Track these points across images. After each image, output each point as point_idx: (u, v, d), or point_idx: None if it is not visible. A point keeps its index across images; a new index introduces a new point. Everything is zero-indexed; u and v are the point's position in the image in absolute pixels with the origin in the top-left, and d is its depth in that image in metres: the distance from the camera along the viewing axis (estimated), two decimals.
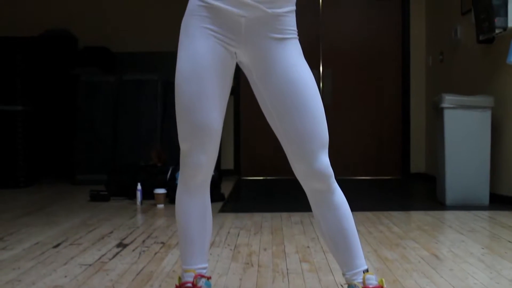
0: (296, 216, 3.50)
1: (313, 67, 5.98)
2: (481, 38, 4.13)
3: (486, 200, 4.01)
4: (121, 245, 2.71)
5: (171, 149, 4.75)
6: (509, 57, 3.71)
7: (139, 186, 4.07)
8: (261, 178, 5.96)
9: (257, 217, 3.52)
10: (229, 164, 5.99)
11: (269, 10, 1.51)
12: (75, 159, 5.32)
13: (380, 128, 6.06)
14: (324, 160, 1.57)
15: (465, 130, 4.01)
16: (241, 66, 1.64)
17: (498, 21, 3.80)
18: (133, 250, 2.60)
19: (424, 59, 5.96)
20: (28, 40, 5.84)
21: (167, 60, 6.11)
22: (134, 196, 4.16)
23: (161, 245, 2.72)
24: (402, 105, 6.04)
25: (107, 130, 5.29)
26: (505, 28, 3.78)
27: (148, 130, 5.19)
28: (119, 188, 4.38)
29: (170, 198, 4.07)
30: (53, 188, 5.09)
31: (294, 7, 1.57)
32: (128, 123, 5.25)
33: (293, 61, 1.54)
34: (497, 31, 3.84)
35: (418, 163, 6.00)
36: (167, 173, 4.30)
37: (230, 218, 3.48)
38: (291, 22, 1.57)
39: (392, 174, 6.04)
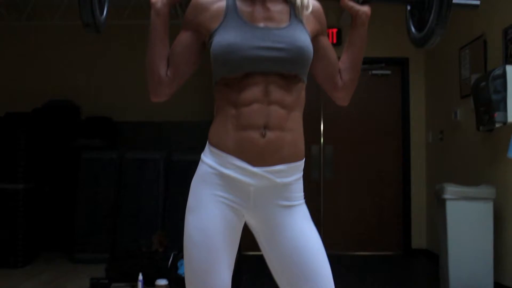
0: None
1: (314, 142, 6.03)
2: (481, 129, 4.18)
3: None
4: None
5: (173, 232, 4.75)
6: (510, 152, 3.75)
7: (140, 277, 4.02)
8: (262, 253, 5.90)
9: None
10: None
11: (278, 180, 1.54)
12: (74, 237, 5.28)
13: (380, 203, 6.05)
14: None
15: (467, 221, 4.02)
16: (248, 225, 1.65)
17: (498, 115, 3.85)
18: None
19: (424, 134, 6.02)
20: (30, 115, 5.90)
21: (168, 130, 6.24)
22: (135, 284, 4.11)
23: None
24: (403, 179, 6.06)
25: (108, 208, 5.28)
26: (505, 123, 3.84)
27: (150, 210, 5.18)
28: (120, 275, 4.33)
29: None
30: (51, 268, 5.02)
31: (301, 173, 1.60)
32: (130, 202, 5.24)
33: (300, 227, 1.56)
34: (497, 125, 3.90)
35: (419, 238, 5.97)
36: (169, 260, 4.27)
37: None
38: (299, 189, 1.60)
39: (393, 249, 6.00)
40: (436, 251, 5.18)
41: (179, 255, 4.26)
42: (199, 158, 1.63)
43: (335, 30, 5.90)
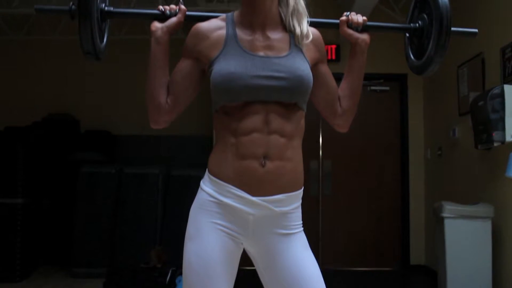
0: None
1: (313, 158, 6.04)
2: (479, 147, 4.19)
3: None
4: None
5: (171, 248, 4.74)
6: (509, 171, 3.76)
7: None
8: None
9: None
10: None
11: (277, 209, 1.54)
12: (73, 251, 5.26)
13: (379, 219, 6.04)
14: None
15: (466, 239, 4.02)
16: (247, 253, 1.66)
17: (496, 135, 3.86)
18: None
19: (423, 151, 6.03)
20: (29, 129, 5.90)
21: (167, 144, 6.24)
22: None
23: None
24: (401, 195, 6.06)
25: (107, 223, 5.26)
26: (503, 142, 3.85)
27: (149, 225, 5.17)
28: None
29: None
30: (49, 282, 5.01)
31: (300, 202, 1.61)
32: (128, 216, 5.23)
33: (299, 256, 1.57)
34: (495, 144, 3.91)
35: (418, 254, 5.96)
36: (167, 276, 4.26)
37: None
38: (297, 217, 1.60)
39: (392, 265, 5.99)
40: (435, 268, 5.17)
41: (178, 271, 4.26)
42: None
43: (334, 46, 5.92)
